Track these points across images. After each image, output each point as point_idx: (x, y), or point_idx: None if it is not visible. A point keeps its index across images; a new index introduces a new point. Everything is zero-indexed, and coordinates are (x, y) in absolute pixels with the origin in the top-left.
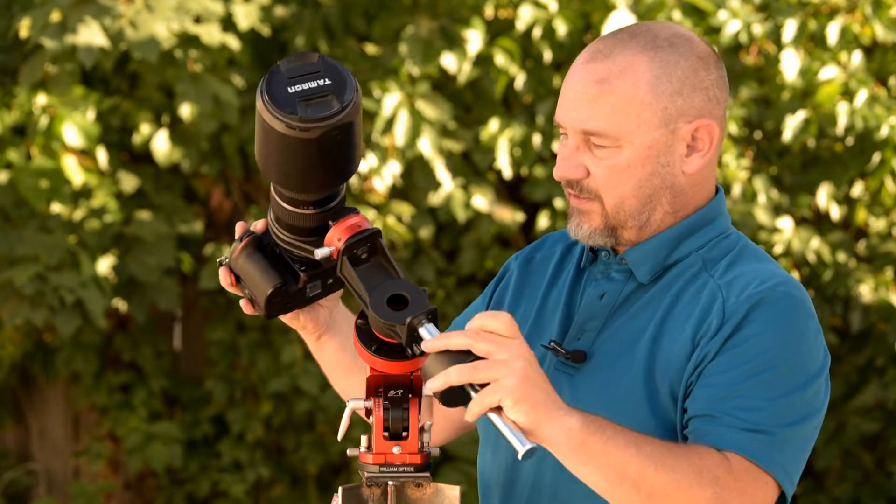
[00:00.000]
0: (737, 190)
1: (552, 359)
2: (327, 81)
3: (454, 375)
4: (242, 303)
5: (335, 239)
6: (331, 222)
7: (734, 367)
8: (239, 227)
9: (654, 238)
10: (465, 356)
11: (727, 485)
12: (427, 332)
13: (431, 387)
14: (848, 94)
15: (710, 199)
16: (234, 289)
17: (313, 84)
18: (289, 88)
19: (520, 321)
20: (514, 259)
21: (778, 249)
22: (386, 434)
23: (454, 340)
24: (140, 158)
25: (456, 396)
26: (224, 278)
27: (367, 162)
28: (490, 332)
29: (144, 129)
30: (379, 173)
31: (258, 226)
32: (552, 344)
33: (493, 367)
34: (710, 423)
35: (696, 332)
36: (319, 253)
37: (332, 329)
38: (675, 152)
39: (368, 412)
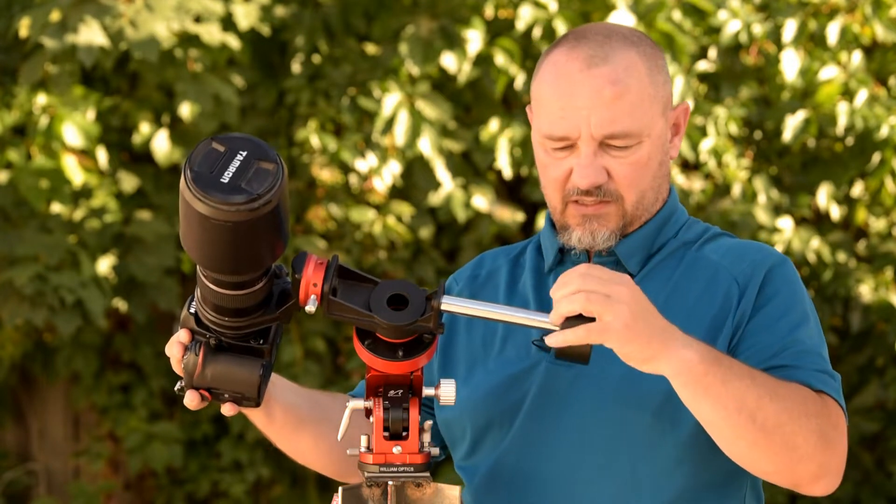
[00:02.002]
0: (737, 190)
1: (544, 356)
2: (245, 153)
3: (566, 306)
4: (227, 408)
5: (311, 286)
6: (297, 275)
7: (776, 321)
8: (178, 348)
9: (639, 231)
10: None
11: (826, 417)
12: (452, 304)
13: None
14: (848, 94)
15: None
16: (204, 403)
17: (237, 161)
18: (222, 179)
19: (485, 332)
20: (454, 281)
21: (778, 249)
22: (386, 434)
23: (560, 293)
24: (140, 158)
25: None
26: (194, 401)
27: (368, 162)
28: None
29: (144, 128)
30: (379, 173)
31: (184, 336)
32: (543, 339)
33: (605, 303)
34: (784, 371)
35: (715, 305)
36: (310, 306)
37: (272, 391)
38: (667, 139)
39: (368, 412)
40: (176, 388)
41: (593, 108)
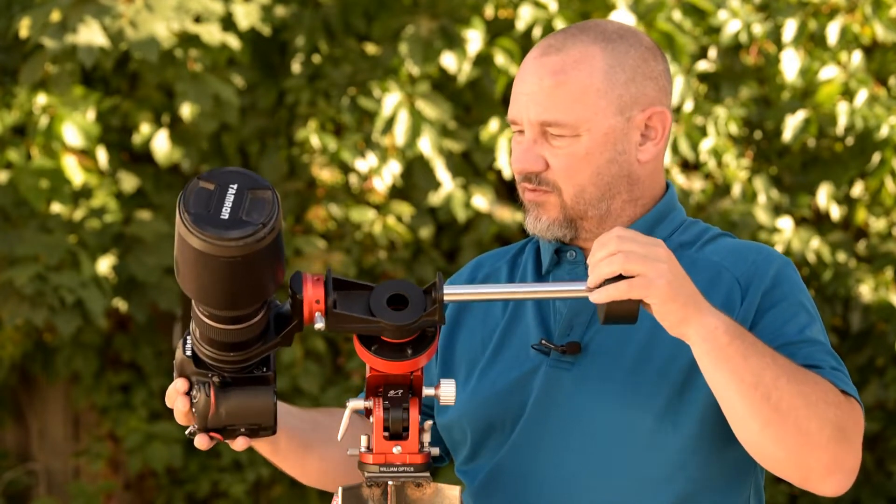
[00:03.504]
0: (737, 190)
1: (544, 359)
2: (236, 185)
3: (605, 267)
4: (240, 442)
5: (314, 302)
6: (298, 295)
7: (785, 324)
8: (182, 401)
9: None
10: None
11: (847, 412)
12: (454, 293)
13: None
14: (848, 94)
15: (664, 189)
16: (213, 443)
17: (231, 195)
18: (221, 215)
19: (484, 335)
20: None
21: (778, 249)
22: (386, 434)
23: (599, 254)
24: (140, 158)
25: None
26: (204, 443)
27: (368, 162)
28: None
29: (144, 128)
30: (379, 173)
31: (182, 385)
32: (542, 343)
33: (645, 262)
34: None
35: (715, 303)
36: (318, 324)
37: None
38: (630, 140)
39: (368, 412)
40: (187, 433)
41: (532, 94)
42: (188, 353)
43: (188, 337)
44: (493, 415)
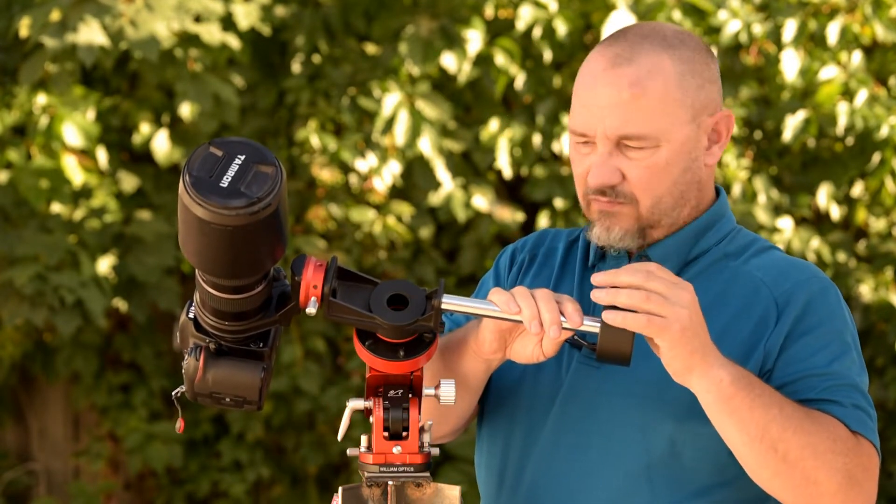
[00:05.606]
0: (737, 190)
1: (574, 353)
2: (243, 157)
3: (624, 298)
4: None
5: (311, 287)
6: (297, 277)
7: (815, 353)
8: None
9: (676, 235)
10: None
11: (856, 457)
12: (452, 302)
13: (598, 297)
14: (848, 94)
15: (715, 193)
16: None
17: (236, 165)
18: (220, 183)
19: None
20: (516, 250)
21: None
22: (386, 434)
23: (624, 278)
24: (140, 158)
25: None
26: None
27: (368, 162)
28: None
29: (144, 128)
30: (379, 173)
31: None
32: (575, 337)
33: (665, 305)
34: (821, 405)
35: (751, 324)
36: (310, 308)
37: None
38: (700, 146)
39: (368, 412)
40: (176, 394)
41: (609, 107)
42: (190, 315)
43: (192, 300)
44: (518, 403)
